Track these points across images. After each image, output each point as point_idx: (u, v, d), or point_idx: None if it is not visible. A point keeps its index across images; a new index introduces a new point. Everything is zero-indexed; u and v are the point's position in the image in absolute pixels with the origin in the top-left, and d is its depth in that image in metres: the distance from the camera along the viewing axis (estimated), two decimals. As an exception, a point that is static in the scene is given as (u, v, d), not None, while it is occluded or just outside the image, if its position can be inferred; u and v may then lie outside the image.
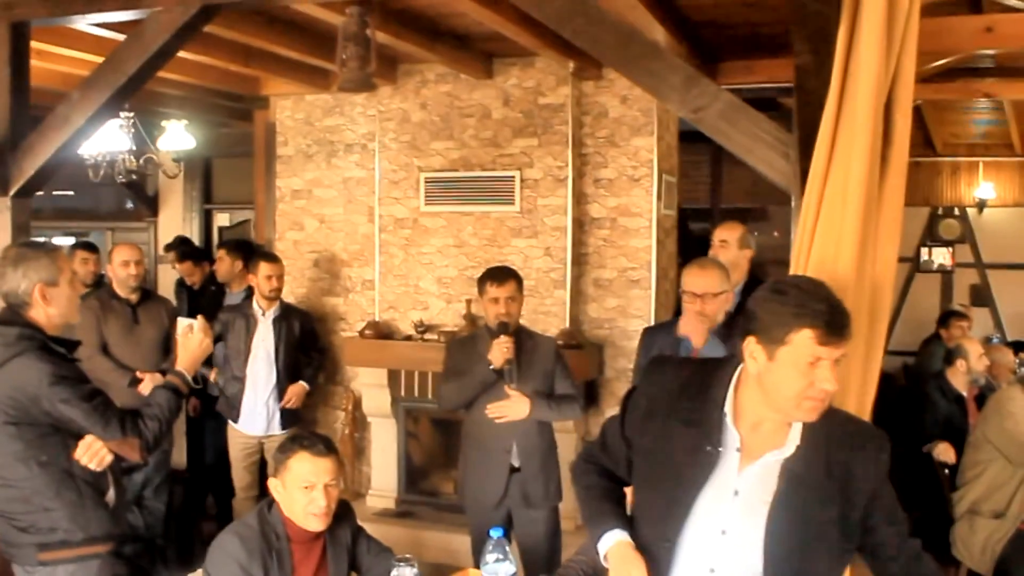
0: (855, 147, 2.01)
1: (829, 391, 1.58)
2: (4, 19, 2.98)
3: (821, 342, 1.55)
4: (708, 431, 1.69)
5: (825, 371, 1.56)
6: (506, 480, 3.32)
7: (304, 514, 2.37)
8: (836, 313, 1.57)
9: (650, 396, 1.80)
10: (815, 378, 1.56)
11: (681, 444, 1.71)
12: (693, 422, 1.71)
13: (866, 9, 1.94)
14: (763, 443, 1.68)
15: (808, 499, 1.64)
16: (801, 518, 1.63)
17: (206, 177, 6.81)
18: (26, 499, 2.32)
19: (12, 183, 3.00)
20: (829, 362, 1.56)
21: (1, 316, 2.38)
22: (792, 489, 1.64)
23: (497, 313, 3.30)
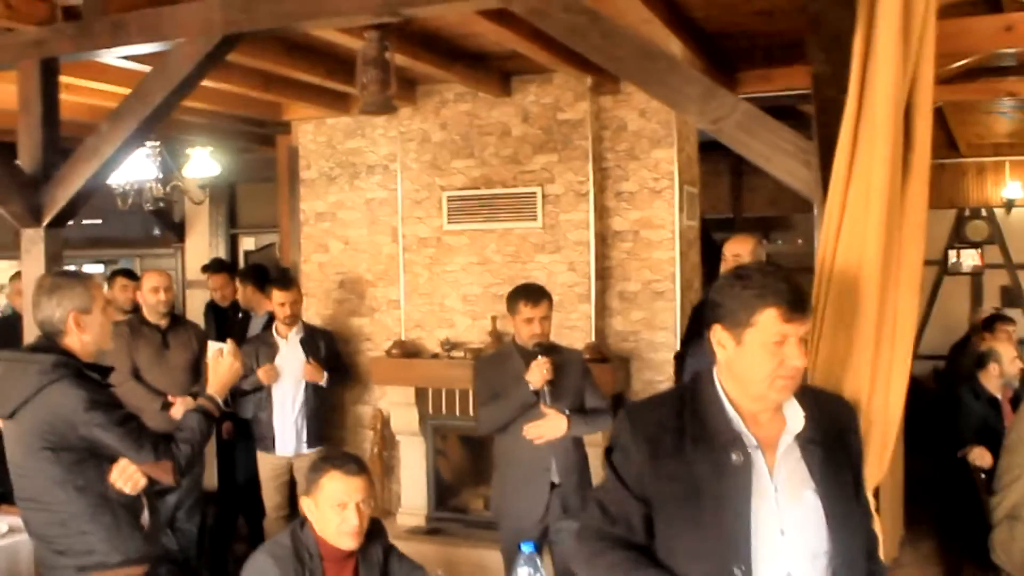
0: (876, 153, 2.00)
1: (799, 367, 1.64)
2: (34, 55, 3.07)
3: (786, 319, 1.62)
4: (725, 442, 1.67)
5: (793, 348, 1.62)
6: (547, 497, 3.34)
7: (337, 533, 2.39)
8: (797, 291, 1.65)
9: (647, 439, 1.72)
10: (784, 356, 1.62)
11: (704, 468, 1.66)
12: (705, 440, 1.68)
13: (881, 15, 1.93)
14: (771, 431, 1.70)
15: (836, 462, 1.70)
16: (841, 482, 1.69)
17: (231, 202, 6.92)
18: (63, 523, 2.36)
19: (45, 214, 3.08)
20: (795, 339, 1.63)
21: (37, 344, 2.44)
22: (820, 459, 1.69)
23: (532, 333, 3.32)
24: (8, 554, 3.02)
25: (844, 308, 2.10)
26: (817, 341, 2.13)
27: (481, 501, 4.83)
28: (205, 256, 6.79)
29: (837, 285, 2.10)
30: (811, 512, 1.65)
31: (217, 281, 5.55)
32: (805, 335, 1.66)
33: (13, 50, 3.07)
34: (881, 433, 2.09)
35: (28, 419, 2.34)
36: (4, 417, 2.41)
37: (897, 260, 2.08)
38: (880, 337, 2.08)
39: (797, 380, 1.67)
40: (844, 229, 2.09)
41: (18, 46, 3.06)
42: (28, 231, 3.10)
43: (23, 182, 3.06)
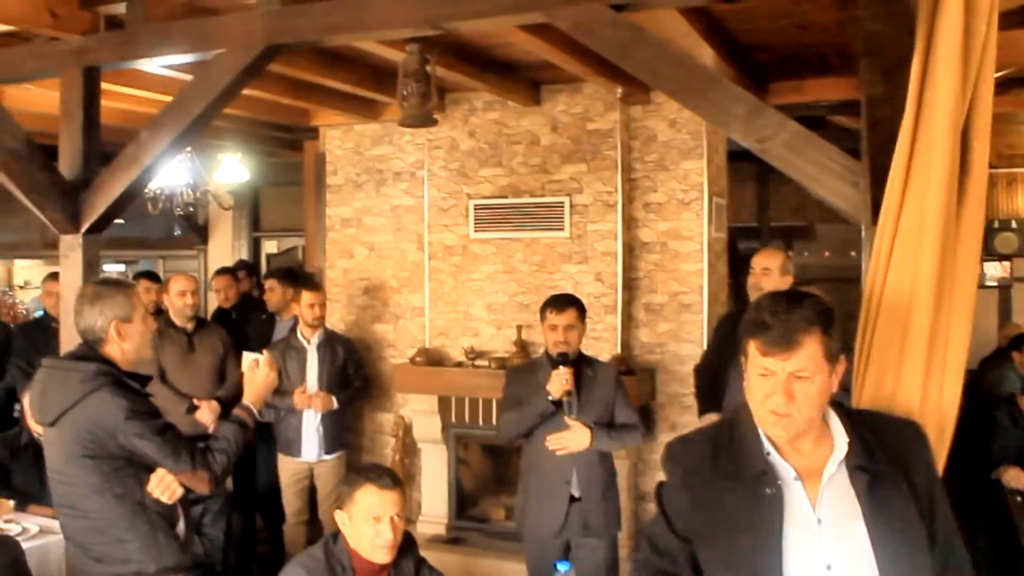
0: (932, 176, 1.97)
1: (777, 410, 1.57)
2: (77, 64, 3.09)
3: (763, 352, 1.58)
4: (759, 472, 1.63)
5: (773, 385, 1.57)
6: (566, 510, 3.30)
7: (371, 546, 2.39)
8: (777, 325, 1.57)
9: (685, 476, 1.72)
10: (769, 392, 1.58)
11: (738, 503, 1.62)
12: (739, 474, 1.64)
13: (942, 38, 1.90)
14: (815, 459, 1.64)
15: (889, 491, 1.60)
16: (894, 517, 1.58)
17: (254, 205, 6.95)
18: (101, 530, 2.37)
19: (84, 220, 3.09)
20: (783, 377, 1.56)
21: (79, 352, 2.45)
22: (871, 485, 1.60)
23: (556, 341, 3.28)
24: (38, 554, 3.03)
25: (894, 332, 2.06)
26: (865, 365, 2.10)
27: (502, 511, 4.81)
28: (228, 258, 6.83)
29: (888, 309, 2.07)
30: (861, 545, 1.57)
31: (221, 282, 5.49)
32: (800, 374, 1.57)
33: (57, 58, 3.10)
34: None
35: (69, 427, 2.35)
36: (46, 424, 2.42)
37: (951, 285, 2.05)
38: (931, 363, 2.05)
39: (788, 422, 1.58)
40: (896, 253, 2.06)
41: (62, 54, 3.08)
42: (67, 237, 3.12)
43: (63, 188, 3.08)
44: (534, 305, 4.65)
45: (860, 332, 2.12)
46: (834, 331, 1.63)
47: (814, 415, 1.60)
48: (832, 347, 1.61)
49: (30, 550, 2.94)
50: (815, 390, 1.58)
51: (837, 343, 1.64)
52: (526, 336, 4.64)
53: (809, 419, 1.60)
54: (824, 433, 1.65)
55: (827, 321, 1.61)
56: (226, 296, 5.46)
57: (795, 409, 1.58)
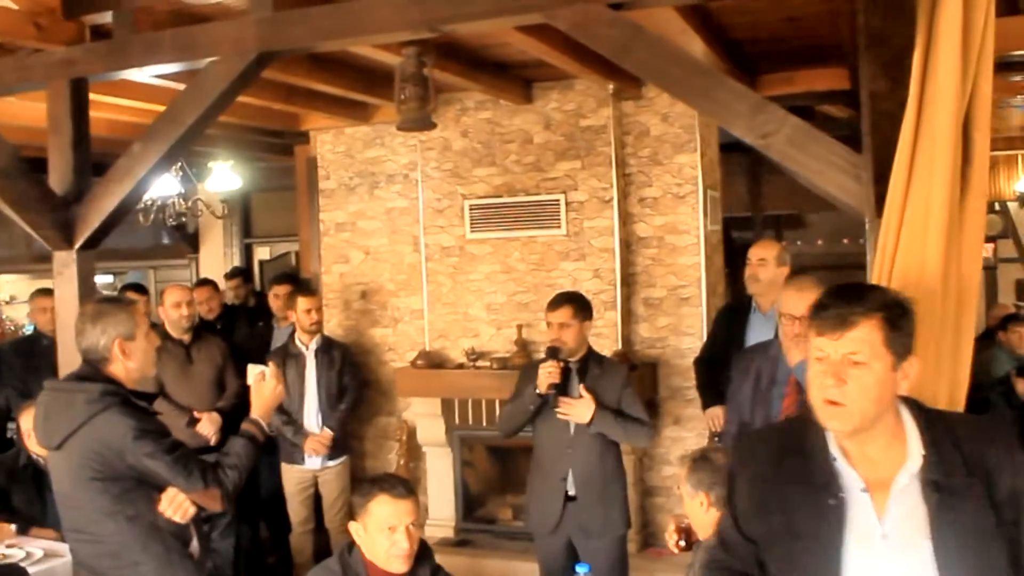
0: (936, 169, 1.98)
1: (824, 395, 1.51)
2: (64, 76, 3.03)
3: (817, 332, 1.54)
4: (823, 481, 1.56)
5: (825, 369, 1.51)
6: (560, 508, 3.31)
7: (387, 556, 2.37)
8: (834, 305, 1.53)
9: (749, 475, 1.68)
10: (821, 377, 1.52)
11: (801, 510, 1.56)
12: (804, 478, 1.58)
13: (943, 31, 1.91)
14: (885, 468, 1.54)
15: (963, 508, 1.49)
16: (967, 533, 1.48)
17: (245, 212, 6.89)
18: (115, 554, 2.34)
19: (77, 236, 3.03)
20: (836, 359, 1.50)
21: (82, 372, 2.41)
22: (942, 503, 1.49)
23: (551, 338, 3.33)
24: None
25: (903, 324, 2.08)
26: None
27: (509, 511, 4.81)
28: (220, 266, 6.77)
29: (895, 302, 2.08)
30: (927, 564, 1.48)
31: (202, 294, 5.26)
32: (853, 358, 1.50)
33: (43, 70, 3.03)
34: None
35: (76, 450, 2.31)
36: (51, 448, 2.39)
37: (956, 276, 2.06)
38: (939, 352, 2.06)
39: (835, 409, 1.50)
40: (902, 244, 2.07)
41: (48, 66, 3.01)
42: (60, 253, 3.06)
43: (55, 204, 3.03)
44: (533, 304, 4.66)
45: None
46: (905, 325, 1.55)
47: (870, 408, 1.51)
48: (897, 339, 1.52)
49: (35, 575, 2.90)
50: (872, 380, 1.50)
51: (908, 338, 1.55)
52: (526, 335, 4.63)
53: (865, 412, 1.50)
54: (897, 438, 1.56)
55: (893, 311, 1.54)
56: (209, 308, 5.28)
57: (848, 397, 1.49)
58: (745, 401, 3.03)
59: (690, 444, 4.41)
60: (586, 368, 3.31)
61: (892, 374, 1.53)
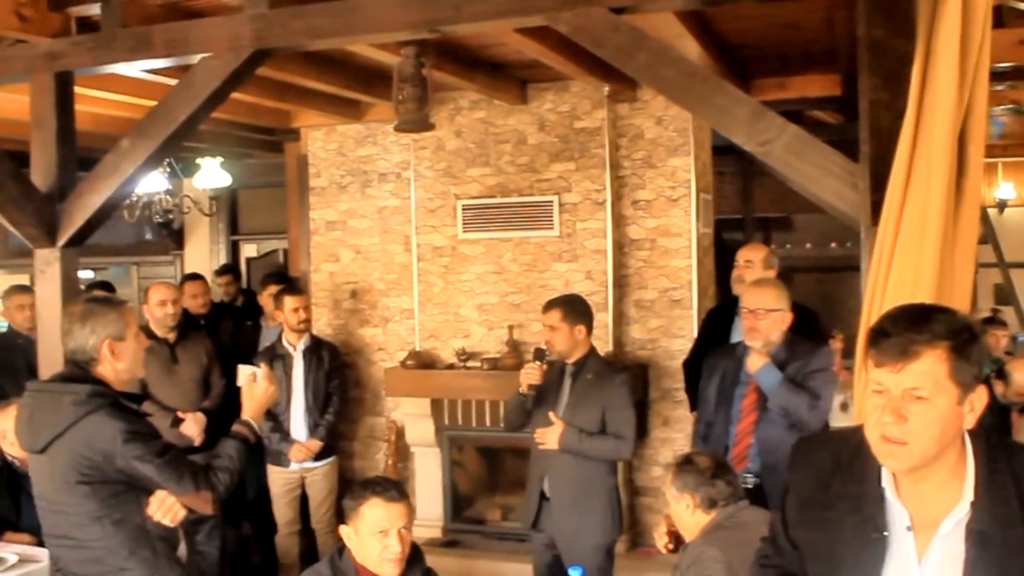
0: (932, 179, 2.00)
1: (886, 433, 1.38)
2: (48, 69, 2.96)
3: (876, 363, 1.40)
4: (871, 512, 1.46)
5: (884, 404, 1.37)
6: (537, 506, 3.38)
7: (378, 560, 2.35)
8: (896, 333, 1.38)
9: (800, 484, 1.59)
10: (879, 411, 1.39)
11: (843, 534, 1.48)
12: (851, 505, 1.49)
13: (942, 45, 1.92)
14: (936, 508, 1.43)
15: (1009, 559, 1.38)
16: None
17: (232, 208, 6.81)
18: (100, 560, 2.29)
19: (61, 233, 2.97)
20: (896, 394, 1.37)
21: (70, 374, 2.36)
22: (982, 554, 1.38)
23: (544, 340, 3.39)
24: (19, 585, 2.93)
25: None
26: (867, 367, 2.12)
27: (498, 512, 4.80)
28: (205, 263, 6.69)
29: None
30: None
31: (194, 287, 5.16)
32: (915, 392, 1.37)
33: (26, 62, 2.96)
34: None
35: (62, 453, 2.25)
36: (34, 451, 2.33)
37: (950, 286, 2.07)
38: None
39: (898, 447, 1.38)
40: (897, 254, 2.08)
41: (32, 58, 2.94)
42: (42, 251, 2.99)
43: (38, 201, 2.96)
44: (525, 305, 4.65)
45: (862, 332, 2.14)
46: (973, 353, 1.41)
47: (932, 447, 1.38)
48: (964, 369, 1.39)
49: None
50: (935, 416, 1.37)
51: (975, 368, 1.41)
52: (518, 336, 4.61)
53: (926, 451, 1.38)
54: (955, 476, 1.43)
55: (960, 338, 1.39)
56: (201, 302, 5.16)
57: (909, 435, 1.37)
58: (710, 400, 3.11)
59: (679, 445, 4.43)
60: (580, 372, 3.30)
61: (958, 408, 1.40)
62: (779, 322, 2.98)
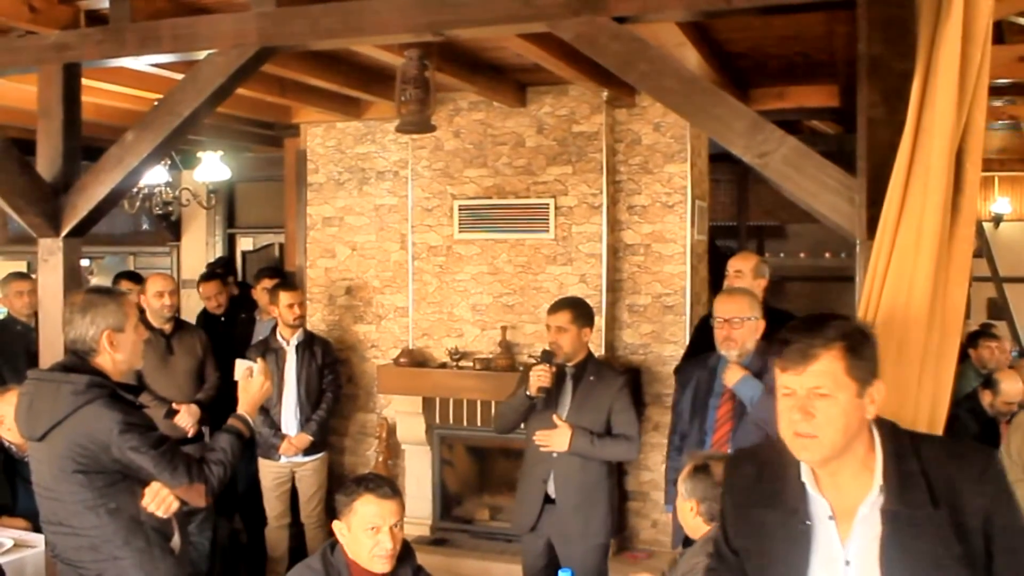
0: (929, 196, 2.03)
1: (796, 430, 1.54)
2: (57, 60, 2.99)
3: (782, 368, 1.58)
4: (794, 506, 1.61)
5: (793, 404, 1.55)
6: (539, 509, 3.34)
7: (370, 557, 2.38)
8: (795, 340, 1.56)
9: (734, 493, 1.74)
10: (789, 412, 1.56)
11: (774, 531, 1.62)
12: (778, 502, 1.63)
13: (942, 64, 1.95)
14: (852, 496, 1.59)
15: (920, 538, 1.52)
16: (919, 563, 1.51)
17: (229, 201, 6.82)
18: (95, 547, 2.31)
19: (64, 223, 2.99)
20: (802, 394, 1.54)
21: (69, 363, 2.38)
22: (897, 531, 1.52)
23: (549, 341, 3.36)
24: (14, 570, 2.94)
25: (888, 346, 2.10)
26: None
27: (487, 511, 4.83)
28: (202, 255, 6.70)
29: (883, 324, 2.11)
30: None
31: (209, 288, 5.20)
32: (816, 392, 1.54)
33: (35, 53, 2.98)
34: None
35: (60, 441, 2.28)
36: (33, 439, 2.35)
37: (942, 302, 2.11)
38: (922, 376, 2.11)
39: (812, 443, 1.53)
40: (892, 269, 2.11)
41: (41, 49, 2.96)
42: (46, 240, 3.01)
43: (43, 191, 2.98)
44: (518, 306, 4.68)
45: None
46: (866, 351, 1.58)
47: (839, 438, 1.54)
48: (860, 366, 1.55)
49: (5, 565, 2.85)
50: (838, 410, 1.53)
51: (870, 364, 1.58)
52: (510, 337, 4.64)
53: (834, 442, 1.54)
54: (866, 466, 1.58)
55: (853, 339, 1.56)
56: (217, 303, 5.20)
57: (818, 429, 1.52)
58: (685, 411, 3.13)
59: (669, 451, 4.46)
60: (582, 374, 3.32)
61: (858, 401, 1.56)
62: (753, 330, 2.99)
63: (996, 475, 1.58)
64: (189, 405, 4.26)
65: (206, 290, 5.24)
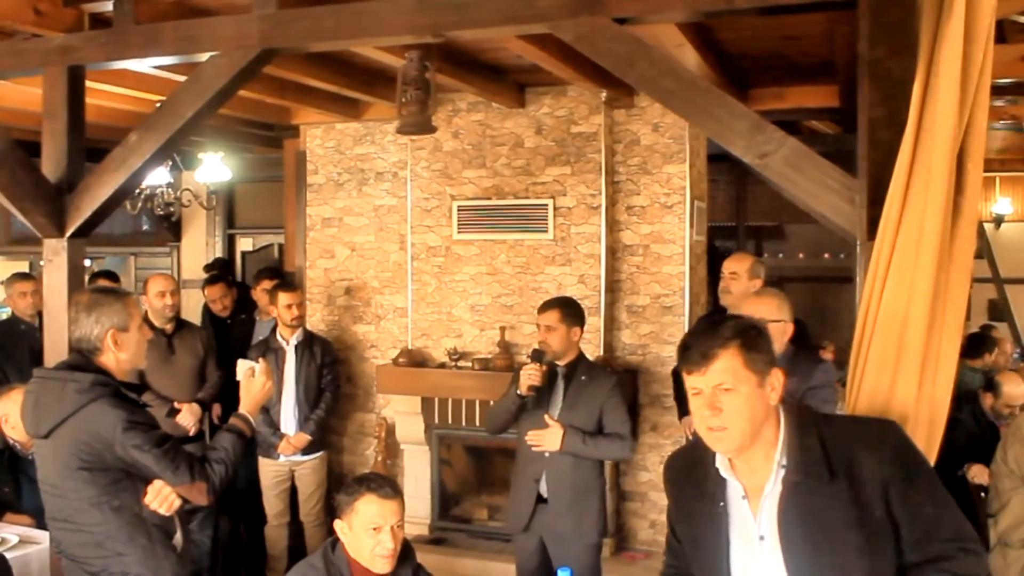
0: (930, 197, 2.04)
1: (705, 425, 1.68)
2: (61, 63, 3.00)
3: (687, 372, 1.71)
4: (712, 491, 1.76)
5: (702, 402, 1.68)
6: (531, 509, 3.35)
7: (371, 556, 2.39)
8: (694, 344, 1.70)
9: (671, 490, 1.91)
10: (700, 410, 1.69)
11: (699, 518, 1.78)
12: (700, 490, 1.79)
13: (943, 65, 1.96)
14: (763, 476, 1.72)
15: (817, 508, 1.64)
16: (816, 531, 1.64)
17: (229, 202, 6.83)
18: (99, 544, 2.33)
19: (69, 224, 3.01)
20: (708, 392, 1.67)
21: (74, 362, 2.40)
22: (795, 503, 1.66)
23: (539, 341, 3.38)
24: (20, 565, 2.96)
25: (889, 346, 2.13)
26: (860, 376, 2.17)
27: (485, 511, 4.84)
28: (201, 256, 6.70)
29: (884, 323, 2.13)
30: (798, 560, 1.66)
31: (215, 291, 5.21)
32: (719, 389, 1.67)
33: (40, 55, 3.00)
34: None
35: (64, 439, 2.30)
36: (39, 436, 2.37)
37: (943, 303, 2.12)
38: (923, 376, 2.12)
39: (719, 434, 1.67)
40: (893, 269, 2.12)
41: (46, 52, 2.98)
42: (51, 241, 3.03)
43: (47, 191, 2.99)
44: (517, 307, 4.70)
45: (856, 345, 2.19)
46: (761, 344, 1.71)
47: (748, 427, 1.67)
48: (756, 359, 1.68)
49: (11, 561, 2.87)
50: (742, 401, 1.66)
51: (766, 356, 1.71)
52: (509, 337, 4.66)
53: (744, 432, 1.67)
54: (774, 448, 1.72)
55: (747, 336, 1.69)
56: (223, 305, 5.21)
57: (727, 420, 1.66)
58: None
59: (667, 451, 4.47)
60: (573, 373, 3.33)
61: (760, 391, 1.69)
62: (780, 333, 2.92)
63: (894, 446, 1.69)
64: (191, 404, 4.28)
65: (211, 293, 5.27)
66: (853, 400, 2.18)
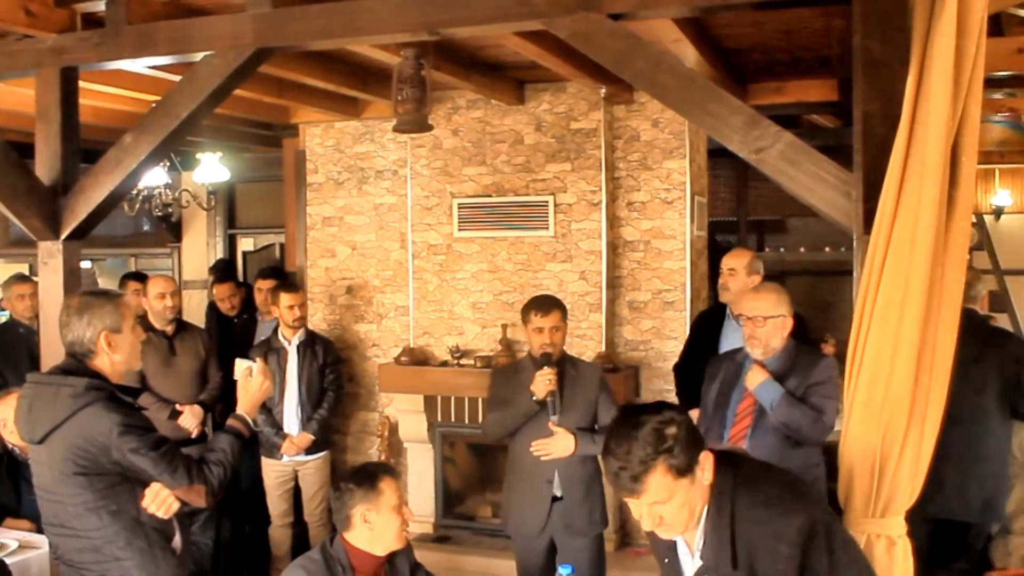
0: (924, 190, 2.03)
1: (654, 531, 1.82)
2: (54, 64, 2.99)
3: (624, 496, 1.79)
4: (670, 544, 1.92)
5: (643, 514, 1.78)
6: (548, 510, 3.32)
7: (398, 534, 2.48)
8: (620, 474, 1.73)
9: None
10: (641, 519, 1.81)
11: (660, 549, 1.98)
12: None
13: (936, 58, 1.96)
14: (691, 535, 1.87)
15: None
16: None
17: (230, 202, 6.82)
18: (97, 549, 2.32)
19: (64, 226, 3.01)
20: (646, 509, 1.76)
21: (67, 366, 2.38)
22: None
23: (542, 343, 3.29)
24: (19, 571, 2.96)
25: (886, 339, 2.13)
26: (858, 369, 2.17)
27: (489, 508, 4.84)
28: (202, 257, 6.71)
29: (880, 317, 2.13)
30: None
31: (224, 290, 5.23)
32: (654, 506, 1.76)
33: (32, 56, 2.99)
34: (914, 463, 2.16)
35: (60, 444, 2.28)
36: (34, 442, 2.36)
37: (939, 295, 2.11)
38: (920, 369, 2.12)
39: (667, 531, 1.82)
40: (889, 263, 2.11)
41: (38, 53, 2.98)
42: (46, 243, 3.03)
43: (41, 193, 2.99)
44: (519, 304, 4.65)
45: (853, 338, 2.18)
46: (680, 446, 1.71)
47: (690, 519, 1.79)
48: (682, 462, 1.71)
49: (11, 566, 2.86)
50: (679, 504, 1.74)
51: (689, 450, 1.73)
52: (511, 335, 4.65)
53: (687, 523, 1.80)
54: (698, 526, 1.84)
55: (666, 447, 1.70)
56: (231, 304, 5.21)
57: (670, 523, 1.77)
58: (710, 403, 3.11)
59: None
60: (562, 370, 3.31)
61: (693, 485, 1.75)
62: (779, 328, 2.93)
63: (792, 541, 1.71)
64: (192, 406, 4.27)
65: (220, 292, 5.28)
66: (851, 395, 2.18)
